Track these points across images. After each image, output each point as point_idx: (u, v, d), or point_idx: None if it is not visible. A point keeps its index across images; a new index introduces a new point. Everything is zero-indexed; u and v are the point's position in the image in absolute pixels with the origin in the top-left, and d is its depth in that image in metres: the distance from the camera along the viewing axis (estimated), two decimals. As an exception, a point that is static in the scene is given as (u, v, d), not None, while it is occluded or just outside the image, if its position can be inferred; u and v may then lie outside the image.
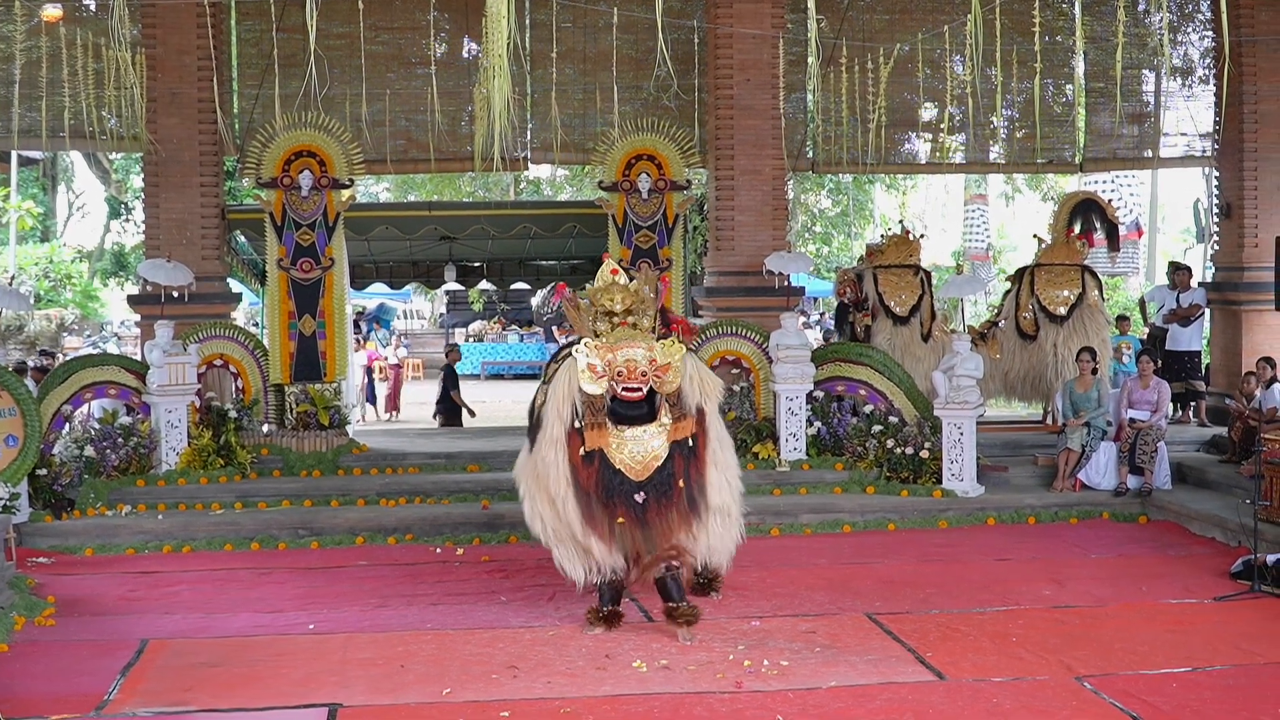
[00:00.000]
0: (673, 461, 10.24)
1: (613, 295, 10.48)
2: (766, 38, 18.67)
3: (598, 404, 10.19)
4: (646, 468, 10.19)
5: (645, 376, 10.20)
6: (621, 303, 10.45)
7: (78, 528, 14.36)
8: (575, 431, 10.25)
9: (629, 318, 10.45)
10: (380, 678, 9.34)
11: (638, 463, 10.20)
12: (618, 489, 10.15)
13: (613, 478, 10.16)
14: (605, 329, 10.42)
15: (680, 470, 10.25)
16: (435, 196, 38.04)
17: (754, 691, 8.96)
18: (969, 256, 41.06)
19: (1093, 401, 16.18)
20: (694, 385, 10.47)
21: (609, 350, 10.22)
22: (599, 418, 10.17)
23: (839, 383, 17.37)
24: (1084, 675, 9.27)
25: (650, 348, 10.27)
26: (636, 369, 10.17)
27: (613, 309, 10.45)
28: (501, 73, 10.54)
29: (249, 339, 17.72)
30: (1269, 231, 19.29)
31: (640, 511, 10.17)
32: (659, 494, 10.18)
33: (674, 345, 10.33)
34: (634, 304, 10.49)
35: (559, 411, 10.35)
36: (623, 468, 10.18)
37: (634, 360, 10.18)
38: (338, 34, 18.77)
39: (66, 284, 38.41)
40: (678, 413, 10.31)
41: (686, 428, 10.31)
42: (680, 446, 10.29)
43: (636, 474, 10.17)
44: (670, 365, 10.23)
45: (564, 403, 10.33)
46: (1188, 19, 21.32)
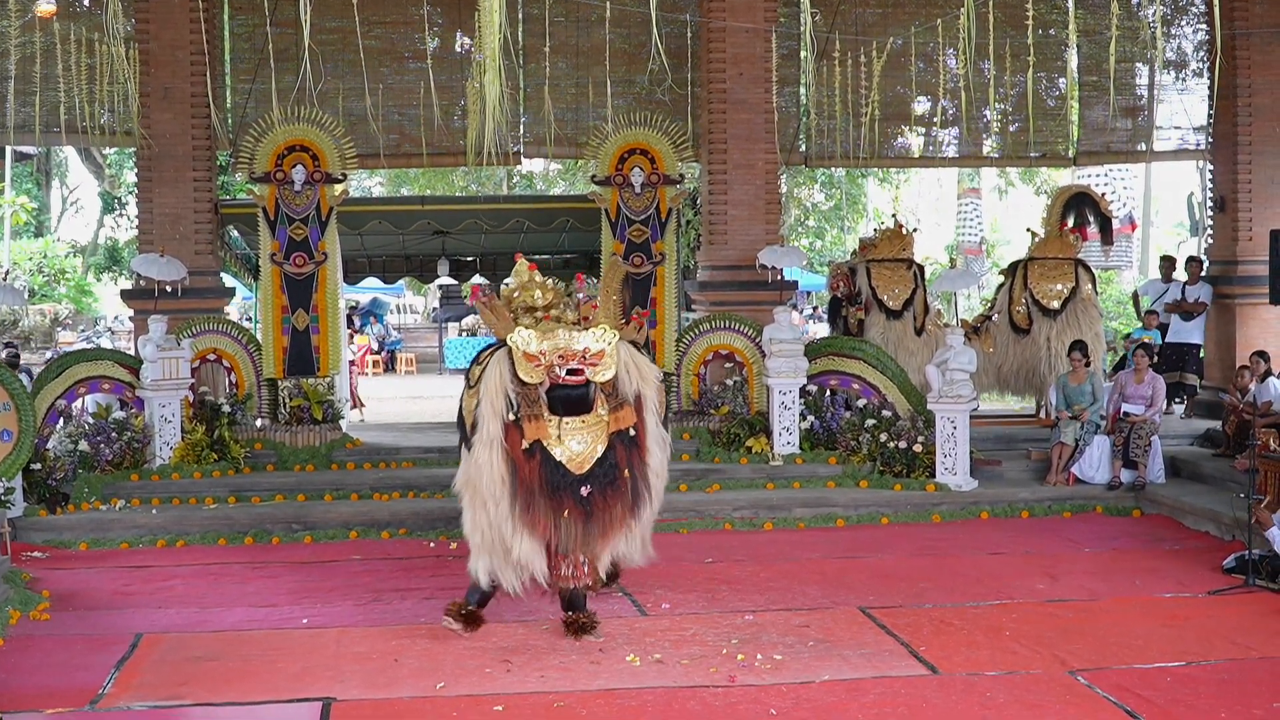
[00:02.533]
0: (614, 452, 9.99)
1: (533, 291, 10.26)
2: (759, 31, 18.68)
3: (533, 395, 9.89)
4: (585, 460, 9.92)
5: (584, 360, 9.95)
6: (543, 298, 10.24)
7: (72, 522, 14.36)
8: (513, 425, 9.91)
9: (551, 312, 10.21)
10: (374, 672, 9.34)
11: (578, 455, 9.92)
12: (562, 482, 9.85)
13: (554, 471, 9.85)
14: (530, 324, 10.13)
15: (623, 460, 10.00)
16: (428, 191, 38.07)
17: (747, 685, 8.96)
18: (962, 250, 41.12)
19: (1086, 395, 16.20)
20: (630, 373, 10.21)
21: (542, 338, 9.95)
22: (536, 409, 9.88)
23: (832, 377, 17.40)
24: (1077, 669, 9.27)
25: (581, 336, 10.01)
26: (574, 353, 9.92)
27: (535, 304, 10.22)
28: (494, 67, 10.53)
29: (242, 334, 17.73)
30: (1263, 225, 19.31)
31: (586, 505, 9.89)
32: (603, 486, 9.91)
33: (606, 332, 10.09)
34: (555, 299, 10.29)
35: (493, 407, 10.02)
36: (565, 460, 9.89)
37: (568, 347, 9.91)
38: (331, 28, 18.76)
39: (60, 279, 38.42)
40: (615, 402, 10.05)
41: (627, 417, 10.04)
42: (621, 436, 10.03)
43: (576, 466, 9.89)
44: (604, 352, 9.99)
45: (498, 397, 10.00)
46: (1181, 12, 21.34)
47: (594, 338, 9.98)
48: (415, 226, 23.13)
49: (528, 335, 9.91)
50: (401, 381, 35.63)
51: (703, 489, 15.60)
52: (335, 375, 17.64)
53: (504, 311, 10.14)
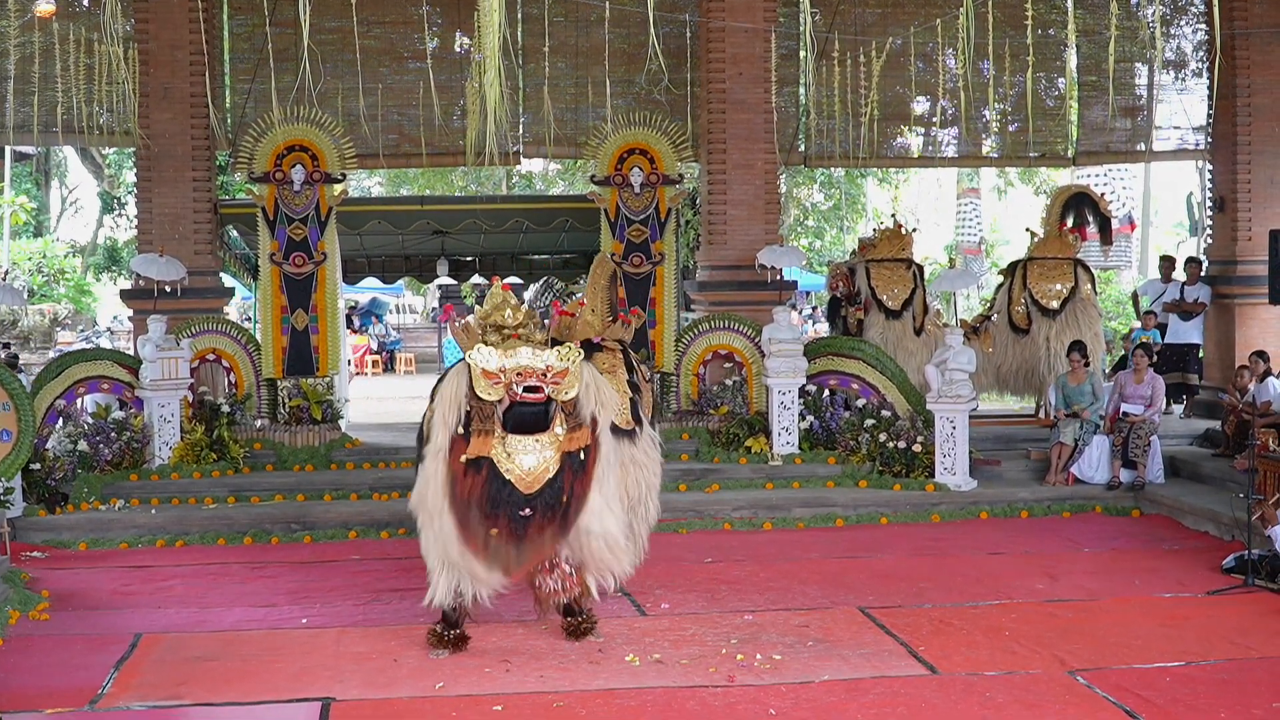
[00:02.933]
0: (563, 475, 9.67)
1: (503, 311, 10.01)
2: (759, 31, 18.68)
3: (488, 410, 9.64)
4: (537, 479, 9.60)
5: (544, 378, 9.71)
6: (513, 317, 9.98)
7: (71, 522, 14.37)
8: (460, 438, 9.67)
9: (520, 330, 9.97)
10: (374, 672, 9.34)
11: (528, 474, 9.60)
12: (505, 501, 9.52)
13: (501, 489, 9.52)
14: (496, 340, 9.91)
15: (567, 484, 9.67)
16: (428, 191, 38.05)
17: (747, 685, 8.96)
18: (961, 250, 41.10)
19: (1086, 395, 16.20)
20: (590, 394, 9.95)
21: (504, 355, 9.73)
22: (488, 424, 9.61)
23: (831, 377, 17.40)
24: (1077, 669, 9.27)
25: (544, 354, 9.77)
26: (533, 372, 9.65)
27: (504, 324, 9.96)
28: (494, 67, 10.52)
29: (242, 334, 17.73)
30: (1262, 225, 19.30)
31: (521, 526, 9.54)
32: (546, 508, 9.59)
33: (570, 351, 9.85)
34: (524, 319, 10.04)
35: (444, 419, 9.76)
36: (513, 479, 9.56)
37: (531, 366, 9.68)
38: (330, 28, 18.77)
39: (60, 279, 38.38)
40: (573, 422, 9.78)
41: (581, 438, 9.77)
42: (572, 459, 9.72)
43: (526, 485, 9.56)
44: (567, 371, 9.74)
45: (450, 409, 9.79)
46: (1180, 12, 21.33)
47: (557, 356, 9.79)
48: (414, 226, 23.13)
49: (488, 352, 9.74)
50: (401, 381, 35.61)
51: (702, 489, 15.61)
52: (334, 375, 17.64)
53: (474, 331, 10.01)
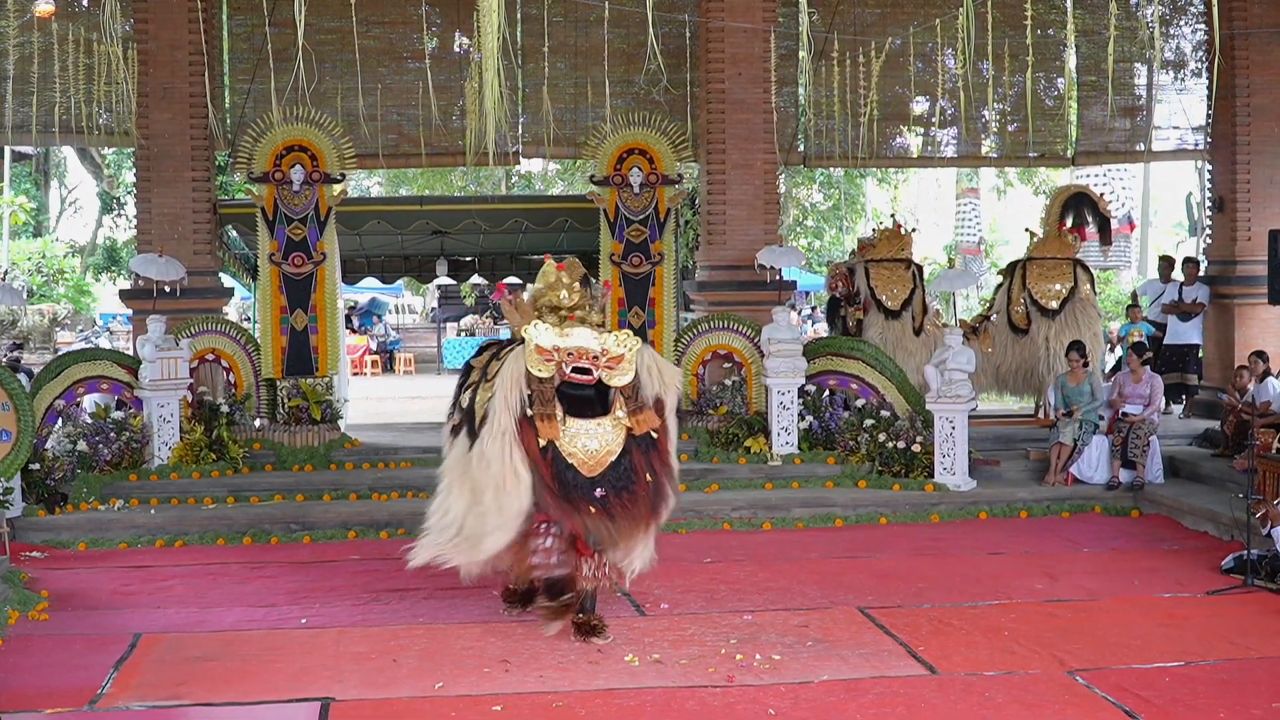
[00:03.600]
0: (629, 456, 9.76)
1: (559, 291, 10.10)
2: (758, 31, 18.68)
3: (547, 392, 9.70)
4: (600, 462, 9.70)
5: (596, 361, 9.72)
6: (569, 298, 10.08)
7: (70, 522, 14.36)
8: (526, 421, 9.71)
9: (576, 313, 10.05)
10: (373, 672, 9.34)
11: (590, 457, 9.70)
12: (573, 484, 9.65)
13: (566, 472, 9.66)
14: (554, 321, 9.98)
15: (642, 465, 9.77)
16: (427, 191, 38.05)
17: (746, 685, 8.96)
18: (961, 250, 41.12)
19: (1085, 395, 16.20)
20: (652, 377, 9.94)
21: (559, 335, 9.77)
22: (549, 407, 9.69)
23: (831, 377, 17.40)
24: (1076, 669, 9.27)
25: (602, 338, 9.83)
26: (588, 354, 9.70)
27: (560, 304, 10.05)
28: (493, 67, 10.52)
29: (241, 334, 17.73)
30: (1262, 225, 19.30)
31: (604, 506, 9.67)
32: (619, 489, 9.69)
33: (629, 337, 9.88)
34: (581, 300, 10.13)
35: (506, 400, 9.76)
36: (576, 462, 9.68)
37: (585, 347, 9.70)
38: (329, 28, 18.77)
39: (59, 279, 38.39)
40: (634, 405, 9.81)
41: (648, 420, 9.83)
42: (640, 440, 9.80)
43: (589, 469, 9.68)
44: (623, 357, 9.76)
45: (512, 390, 9.78)
46: (1180, 12, 21.34)
47: (614, 341, 9.79)
48: (414, 226, 23.12)
49: (544, 328, 9.77)
50: (400, 381, 35.62)
51: (701, 489, 15.59)
52: (334, 375, 17.63)
53: (527, 309, 10.08)
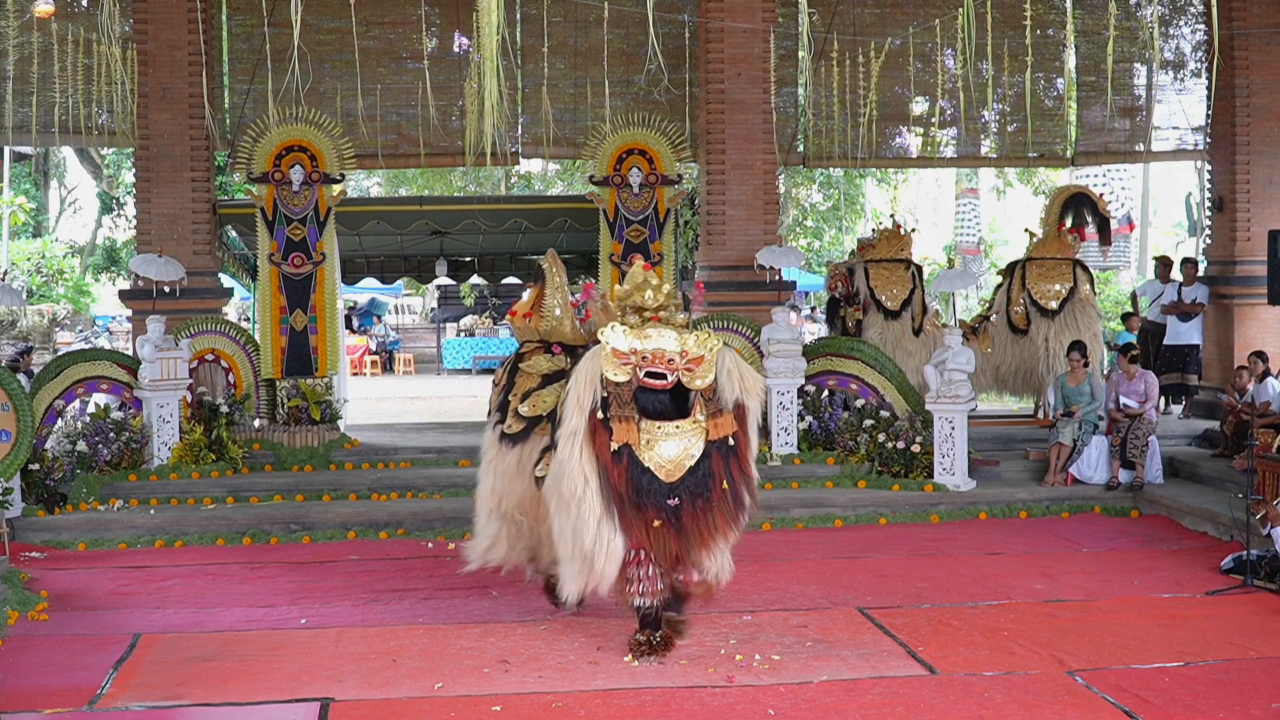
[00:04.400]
0: (709, 461, 9.41)
1: (644, 292, 9.81)
2: (757, 32, 18.69)
3: (624, 394, 9.38)
4: (678, 468, 9.37)
5: (673, 365, 9.44)
6: (654, 299, 9.79)
7: (70, 522, 14.37)
8: (600, 424, 9.41)
9: (660, 314, 9.77)
10: (372, 672, 9.34)
11: (669, 462, 9.37)
12: (647, 490, 9.32)
13: (641, 477, 9.31)
14: (635, 323, 9.72)
15: (720, 471, 9.42)
16: (426, 191, 38.04)
17: (745, 686, 8.96)
18: (960, 250, 41.10)
19: (1085, 395, 16.20)
20: (732, 380, 9.55)
21: (638, 337, 9.50)
22: (626, 410, 9.35)
23: (830, 377, 17.40)
24: (1075, 669, 9.27)
25: (682, 339, 9.52)
26: (664, 357, 9.42)
27: (644, 305, 9.77)
28: (492, 67, 10.51)
29: (240, 334, 17.74)
30: (1261, 225, 19.33)
31: (674, 515, 9.37)
32: (694, 496, 9.36)
33: (709, 338, 9.60)
34: (665, 301, 9.84)
35: (579, 401, 9.47)
36: (652, 467, 9.35)
37: (663, 350, 9.44)
38: (328, 29, 18.79)
39: (59, 279, 38.36)
40: (713, 408, 9.48)
41: (726, 425, 9.47)
42: (719, 445, 9.45)
43: (667, 474, 9.35)
44: (703, 359, 9.47)
45: (585, 390, 9.48)
46: (1179, 12, 21.35)
47: (695, 341, 9.55)
48: (413, 227, 23.11)
49: (620, 332, 9.53)
50: (400, 382, 35.65)
51: (701, 489, 15.57)
52: (333, 375, 17.63)
53: (612, 311, 9.91)
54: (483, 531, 10.91)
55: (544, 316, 11.19)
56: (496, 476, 10.66)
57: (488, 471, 10.84)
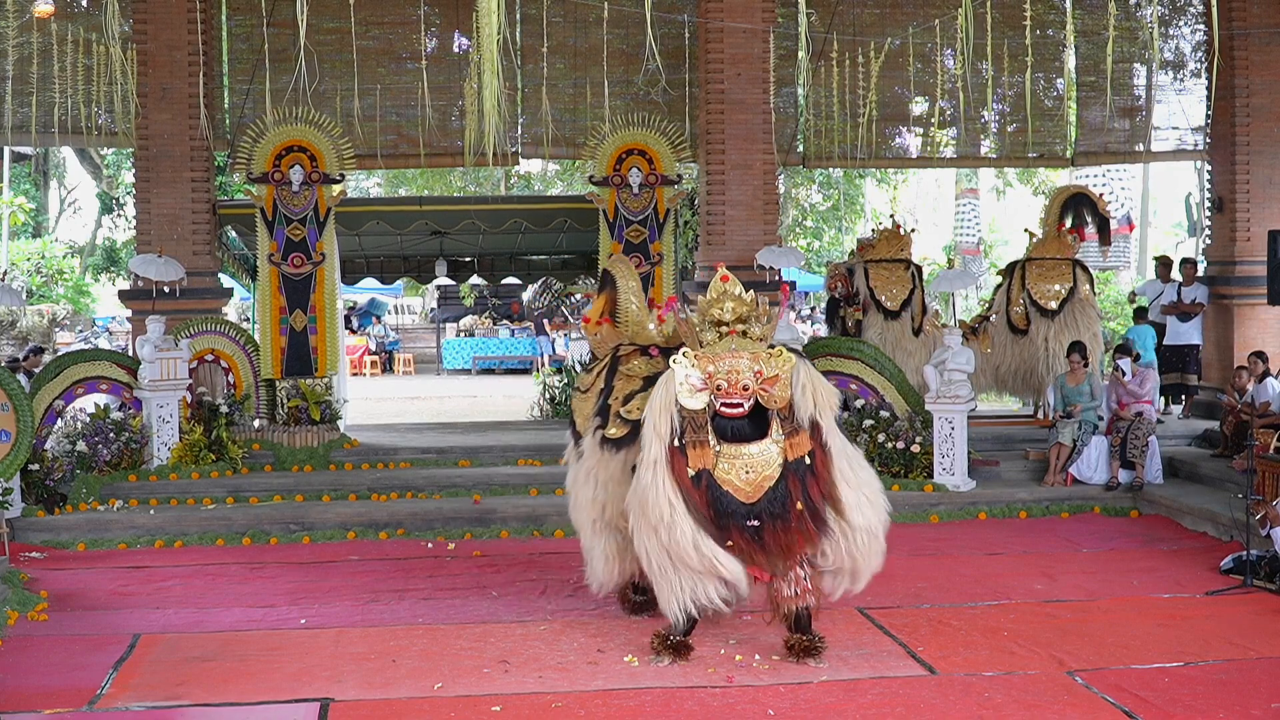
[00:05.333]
0: (786, 481, 9.28)
1: (723, 304, 9.64)
2: (757, 32, 18.69)
3: (699, 420, 9.28)
4: (758, 488, 9.25)
5: (748, 391, 9.31)
6: (733, 311, 9.61)
7: (70, 522, 14.37)
8: (678, 450, 9.30)
9: (739, 326, 9.61)
10: (372, 672, 9.34)
11: (747, 483, 9.26)
12: (727, 511, 9.22)
13: (721, 498, 9.22)
14: (712, 339, 9.60)
15: (797, 491, 9.27)
16: (426, 191, 38.05)
17: (745, 686, 8.98)
18: (960, 251, 41.10)
19: (1084, 396, 16.20)
20: (806, 396, 9.39)
21: (710, 361, 9.35)
22: (701, 435, 9.26)
23: (830, 377, 17.33)
24: (1075, 669, 9.28)
25: (755, 358, 9.37)
26: (738, 381, 9.29)
27: (722, 318, 9.62)
28: (492, 68, 10.51)
29: (240, 334, 17.73)
30: (1261, 225, 19.35)
31: (756, 535, 9.26)
32: (774, 516, 9.23)
33: (783, 355, 9.40)
34: (746, 312, 9.66)
35: (656, 428, 9.36)
36: (730, 489, 9.25)
37: (736, 371, 9.30)
38: (328, 29, 18.78)
39: (58, 279, 38.37)
40: (789, 427, 9.33)
41: (801, 444, 9.31)
42: (795, 465, 9.29)
43: (746, 495, 9.23)
44: (778, 377, 9.33)
45: (661, 418, 9.37)
46: (1179, 12, 21.35)
47: (769, 362, 9.39)
48: (413, 227, 23.12)
49: (687, 365, 9.37)
50: (399, 382, 35.64)
51: (701, 489, 15.57)
52: (333, 375, 17.63)
53: (692, 327, 9.76)
54: (594, 549, 10.54)
55: (625, 322, 11.06)
56: (598, 485, 10.36)
57: (586, 480, 10.51)
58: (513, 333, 41.36)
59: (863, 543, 9.51)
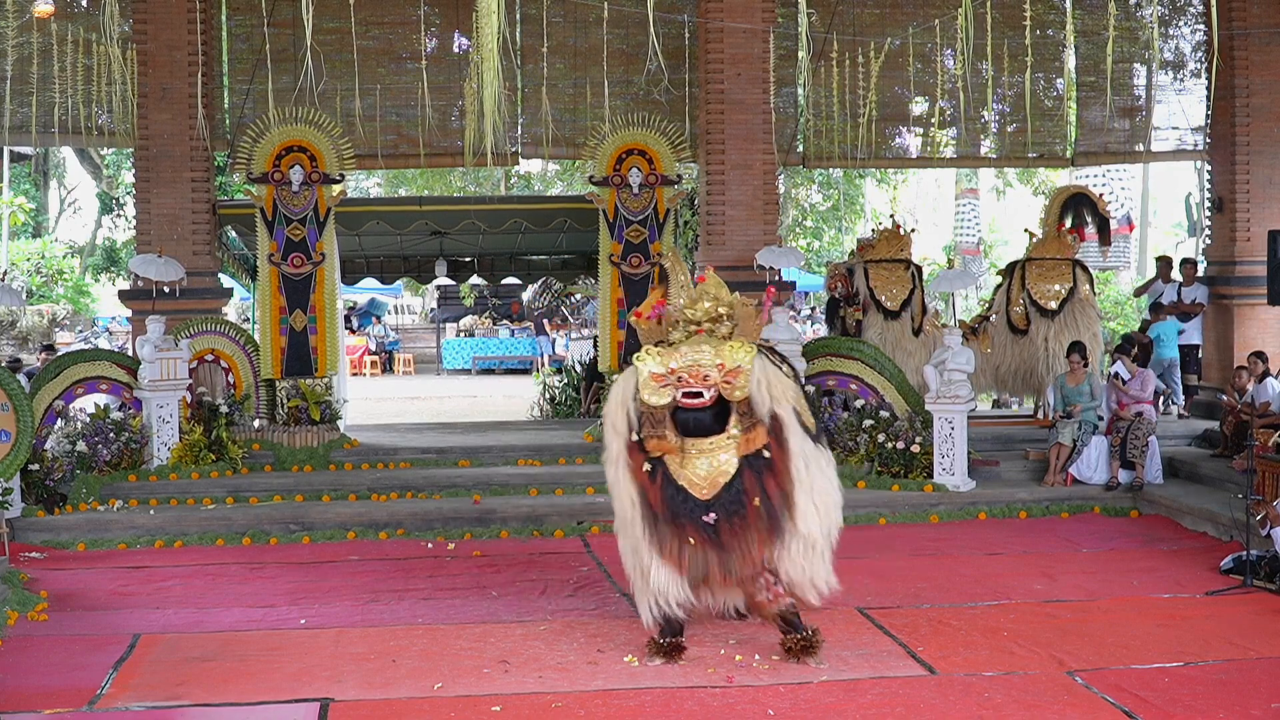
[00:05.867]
0: (742, 477, 9.21)
1: (700, 304, 9.58)
2: (757, 32, 18.70)
3: (658, 415, 9.21)
4: (714, 484, 9.18)
5: (709, 380, 9.15)
6: (705, 312, 9.53)
7: (70, 523, 14.37)
8: (635, 445, 9.30)
9: (708, 325, 9.52)
10: (372, 672, 9.34)
11: (704, 479, 9.20)
12: (683, 508, 9.17)
13: (676, 495, 9.18)
14: (680, 337, 9.53)
15: (753, 487, 9.19)
16: (426, 191, 38.06)
17: (745, 686, 8.97)
18: (960, 251, 41.10)
19: (1084, 396, 16.20)
20: (762, 390, 9.30)
21: (672, 356, 9.25)
22: (658, 429, 9.21)
23: (830, 377, 17.39)
24: (1075, 669, 9.28)
25: (717, 350, 9.24)
26: (700, 372, 9.14)
27: (694, 318, 9.55)
28: (491, 68, 10.50)
29: (240, 334, 17.73)
30: (1261, 225, 19.35)
31: (713, 533, 9.17)
32: (730, 513, 9.16)
33: (744, 347, 9.28)
34: (721, 314, 9.56)
35: (614, 425, 9.46)
36: (686, 484, 9.20)
37: (698, 364, 9.17)
38: (328, 29, 18.74)
39: (58, 279, 38.37)
40: (748, 422, 9.24)
41: (757, 439, 9.22)
42: (751, 460, 9.22)
43: (702, 491, 9.18)
44: (740, 369, 9.18)
45: (619, 413, 9.43)
46: (1179, 12, 21.35)
47: (730, 351, 9.26)
48: (413, 227, 23.12)
49: (650, 360, 9.28)
50: (399, 382, 35.65)
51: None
52: (333, 375, 17.63)
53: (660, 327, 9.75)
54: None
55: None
56: None
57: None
58: (513, 333, 41.42)
59: (797, 550, 9.37)
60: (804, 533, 9.33)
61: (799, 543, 9.33)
